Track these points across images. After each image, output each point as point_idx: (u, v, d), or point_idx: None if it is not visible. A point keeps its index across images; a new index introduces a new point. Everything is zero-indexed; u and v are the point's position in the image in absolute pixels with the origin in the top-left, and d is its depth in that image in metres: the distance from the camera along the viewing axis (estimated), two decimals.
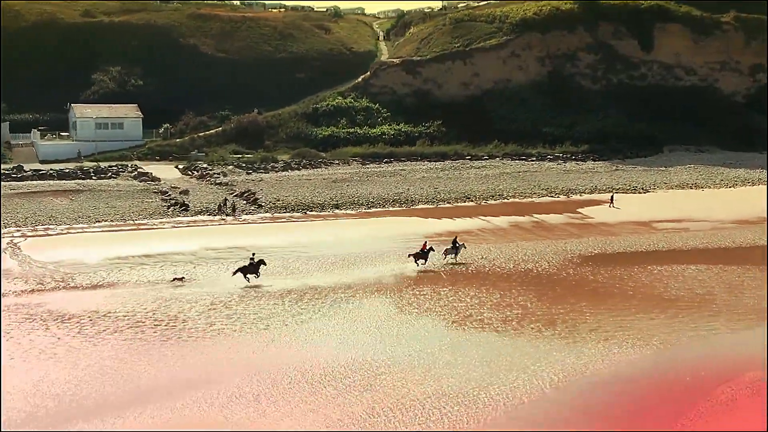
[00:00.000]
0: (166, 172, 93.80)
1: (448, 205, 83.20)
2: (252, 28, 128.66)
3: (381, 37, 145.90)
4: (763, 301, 46.22)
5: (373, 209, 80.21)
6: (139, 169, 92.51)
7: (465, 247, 57.24)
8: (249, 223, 73.02)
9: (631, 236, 67.62)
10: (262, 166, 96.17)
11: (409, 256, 54.76)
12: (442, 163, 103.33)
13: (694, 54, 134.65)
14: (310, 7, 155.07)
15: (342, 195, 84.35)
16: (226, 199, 77.85)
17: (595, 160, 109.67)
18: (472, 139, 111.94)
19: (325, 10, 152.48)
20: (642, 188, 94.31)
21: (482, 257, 58.32)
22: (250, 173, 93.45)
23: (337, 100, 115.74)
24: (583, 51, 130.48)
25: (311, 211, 78.16)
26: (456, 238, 58.16)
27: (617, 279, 52.60)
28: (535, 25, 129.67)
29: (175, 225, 71.07)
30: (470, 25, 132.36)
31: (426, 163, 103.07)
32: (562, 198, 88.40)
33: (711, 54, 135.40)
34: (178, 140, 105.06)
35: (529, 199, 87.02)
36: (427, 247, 54.94)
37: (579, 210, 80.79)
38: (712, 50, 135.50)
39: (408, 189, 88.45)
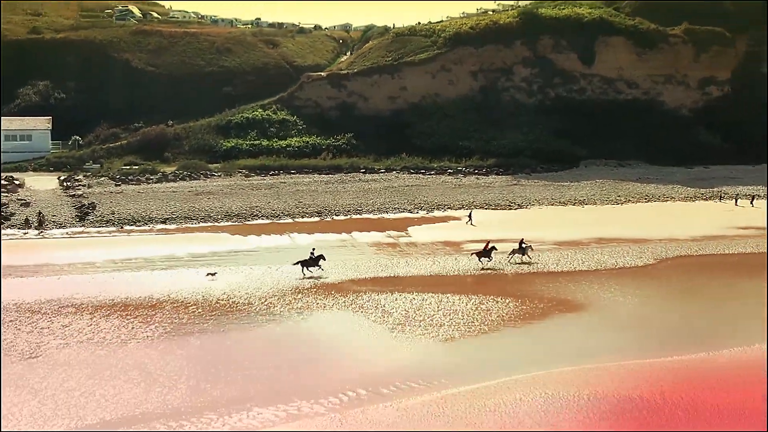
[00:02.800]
0: (45, 183, 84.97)
1: (290, 220, 72.39)
2: (190, 43, 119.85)
3: (348, 53, 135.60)
4: None
5: (208, 224, 69.98)
6: (15, 181, 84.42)
7: (532, 248, 54.39)
8: (46, 237, 63.61)
9: (411, 259, 55.81)
10: (136, 178, 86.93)
11: (472, 254, 52.73)
12: (331, 176, 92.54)
13: (637, 67, 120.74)
14: (279, 23, 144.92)
15: (190, 209, 74.16)
16: (39, 212, 68.79)
17: (498, 175, 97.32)
18: (382, 153, 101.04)
19: (290, 25, 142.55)
20: (517, 204, 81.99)
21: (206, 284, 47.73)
22: (119, 185, 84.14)
23: (255, 113, 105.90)
24: (519, 65, 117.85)
25: (144, 225, 68.52)
26: (522, 239, 54.67)
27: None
28: (470, 39, 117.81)
29: None
30: (408, 39, 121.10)
31: (315, 176, 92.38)
32: (421, 214, 76.47)
33: (655, 67, 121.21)
34: (78, 152, 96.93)
35: (385, 215, 75.49)
36: (489, 247, 52.34)
37: (410, 227, 69.14)
38: (657, 63, 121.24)
39: (268, 203, 77.73)
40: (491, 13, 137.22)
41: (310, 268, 49.01)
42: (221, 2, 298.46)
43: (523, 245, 53.99)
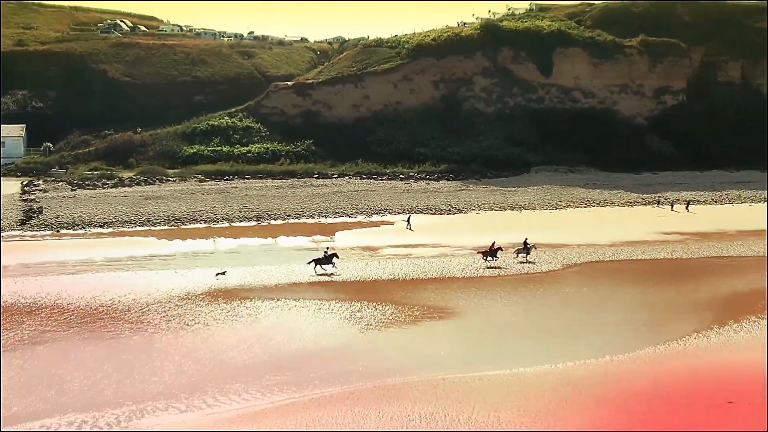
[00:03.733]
0: (9, 187, 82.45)
1: (226, 224, 68.98)
2: (166, 54, 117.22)
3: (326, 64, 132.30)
4: None
5: (144, 228, 67.00)
6: None
7: (535, 248, 53.88)
8: None
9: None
10: (93, 183, 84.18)
11: (478, 253, 52.40)
12: (284, 181, 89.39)
13: (594, 77, 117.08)
14: (264, 36, 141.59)
15: (134, 213, 71.06)
16: None
17: (449, 180, 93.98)
18: (340, 159, 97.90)
19: (272, 38, 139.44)
20: (457, 209, 78.68)
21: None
22: (74, 190, 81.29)
23: (221, 121, 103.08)
24: (480, 75, 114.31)
25: (81, 229, 65.59)
26: (526, 239, 54.30)
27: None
28: (432, 50, 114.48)
29: None
30: (374, 50, 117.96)
31: (269, 181, 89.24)
32: (359, 219, 73.28)
33: (611, 77, 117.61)
34: (47, 158, 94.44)
35: (323, 220, 72.43)
36: (495, 247, 52.15)
37: (340, 232, 65.97)
38: (613, 74, 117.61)
39: (213, 207, 74.61)
40: (465, 25, 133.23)
41: (323, 266, 48.56)
42: (227, 16, 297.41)
43: (527, 245, 53.36)
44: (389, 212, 76.33)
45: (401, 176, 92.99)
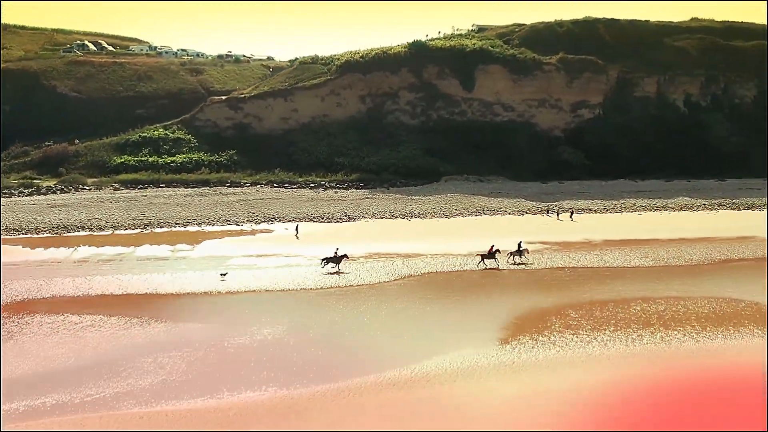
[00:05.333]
0: None
1: (111, 231, 63.28)
2: (115, 71, 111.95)
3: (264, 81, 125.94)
4: None
5: (26, 236, 61.20)
6: None
7: (528, 252, 50.97)
8: None
9: (154, 275, 46.80)
10: (10, 192, 78.93)
11: (477, 255, 49.59)
12: (195, 189, 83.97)
13: (513, 92, 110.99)
14: (227, 54, 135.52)
15: (27, 221, 65.45)
16: None
17: (358, 189, 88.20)
18: (261, 168, 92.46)
19: (226, 56, 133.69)
20: (348, 217, 72.66)
21: None
22: None
23: (154, 132, 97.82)
24: (405, 90, 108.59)
25: None
26: (520, 242, 51.59)
27: None
28: (359, 66, 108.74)
29: None
30: (308, 67, 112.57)
31: (181, 189, 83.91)
32: (247, 227, 66.73)
33: (530, 92, 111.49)
34: None
35: (207, 228, 66.20)
36: (494, 249, 49.07)
37: (210, 240, 60.04)
38: (532, 89, 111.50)
39: (111, 215, 68.84)
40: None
41: (335, 265, 46.96)
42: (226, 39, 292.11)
43: (520, 248, 50.59)
44: (282, 220, 70.31)
45: (312, 185, 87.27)
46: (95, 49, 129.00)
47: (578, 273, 48.80)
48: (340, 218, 72.17)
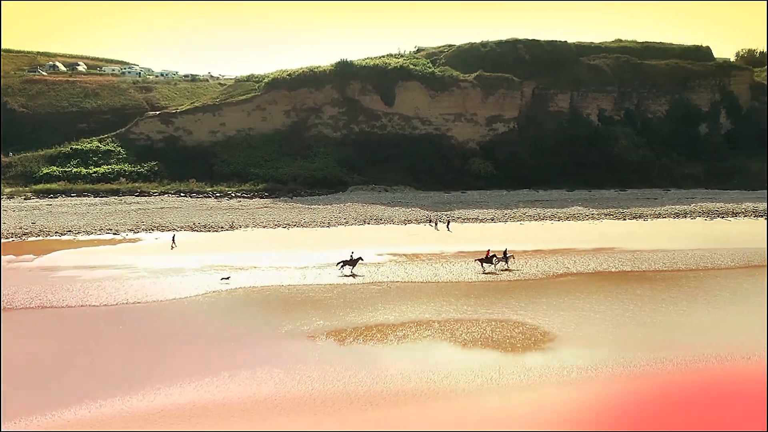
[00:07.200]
0: None
1: None
2: (66, 89, 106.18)
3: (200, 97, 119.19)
4: None
5: None
6: None
7: (514, 258, 47.08)
8: None
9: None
10: None
11: (476, 260, 46.19)
12: (103, 198, 78.19)
13: (431, 107, 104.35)
14: (191, 74, 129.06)
15: None
16: None
17: (262, 198, 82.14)
18: (179, 178, 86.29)
19: (184, 75, 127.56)
20: (229, 226, 66.34)
21: None
22: None
23: (87, 145, 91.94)
24: (329, 105, 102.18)
25: None
26: (506, 249, 47.63)
27: None
28: (285, 83, 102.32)
29: None
30: (241, 84, 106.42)
31: (90, 198, 78.11)
32: (124, 235, 61.05)
33: (447, 107, 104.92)
34: None
35: (85, 237, 60.29)
36: (490, 254, 45.94)
37: (65, 250, 53.93)
38: (448, 104, 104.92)
39: (3, 223, 63.61)
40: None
41: (352, 269, 44.90)
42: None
43: (507, 255, 46.80)
44: (165, 229, 64.10)
45: (218, 194, 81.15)
46: (64, 69, 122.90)
47: (371, 290, 41.40)
48: (222, 227, 65.74)
